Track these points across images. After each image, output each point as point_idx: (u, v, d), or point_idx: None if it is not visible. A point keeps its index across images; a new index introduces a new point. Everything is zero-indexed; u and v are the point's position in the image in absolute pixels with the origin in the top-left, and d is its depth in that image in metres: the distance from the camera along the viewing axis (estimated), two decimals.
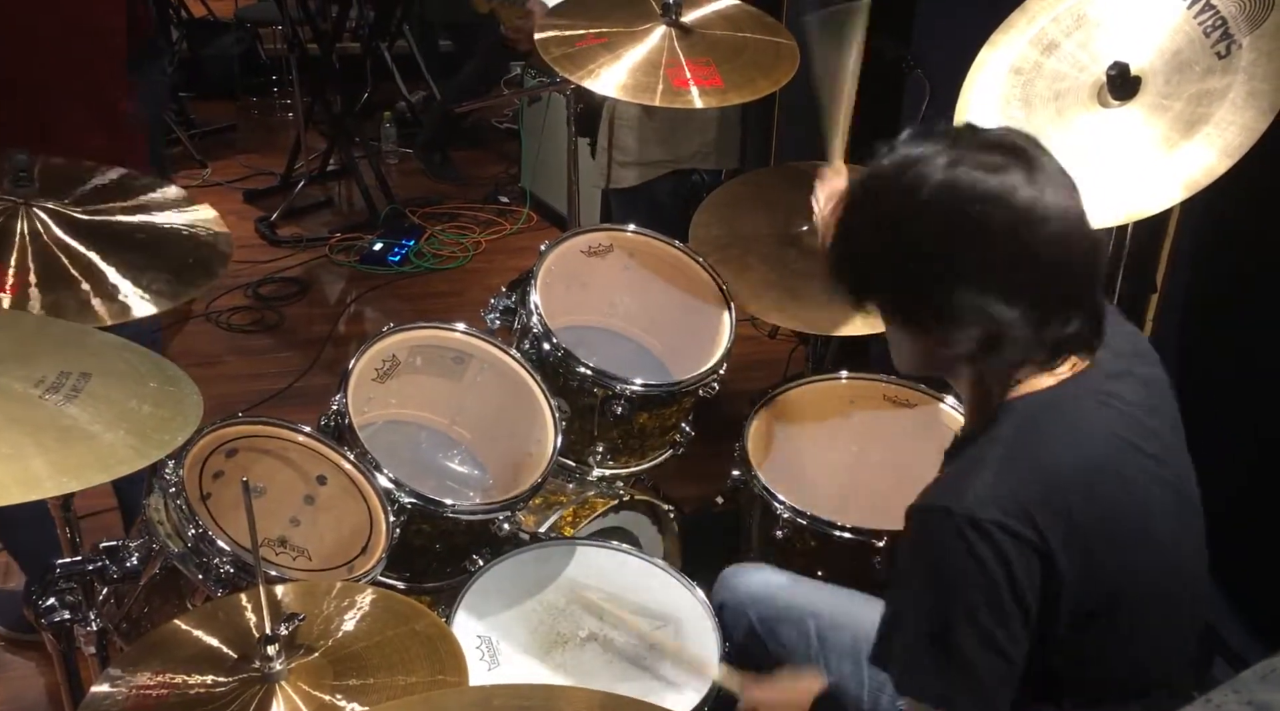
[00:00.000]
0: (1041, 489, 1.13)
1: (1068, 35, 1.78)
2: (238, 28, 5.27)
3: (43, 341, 1.28)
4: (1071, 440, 1.17)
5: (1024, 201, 1.09)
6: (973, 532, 1.10)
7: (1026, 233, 1.10)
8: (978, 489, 1.12)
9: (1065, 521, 1.12)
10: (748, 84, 2.23)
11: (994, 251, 1.11)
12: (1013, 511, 1.10)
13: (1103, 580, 1.15)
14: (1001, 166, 1.10)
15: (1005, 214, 1.09)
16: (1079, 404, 1.19)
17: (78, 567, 1.44)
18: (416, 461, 2.01)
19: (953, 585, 1.12)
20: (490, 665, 1.61)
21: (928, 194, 1.11)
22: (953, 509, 1.11)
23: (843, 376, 2.13)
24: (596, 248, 2.23)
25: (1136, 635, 1.21)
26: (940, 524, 1.12)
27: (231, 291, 3.67)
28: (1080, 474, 1.15)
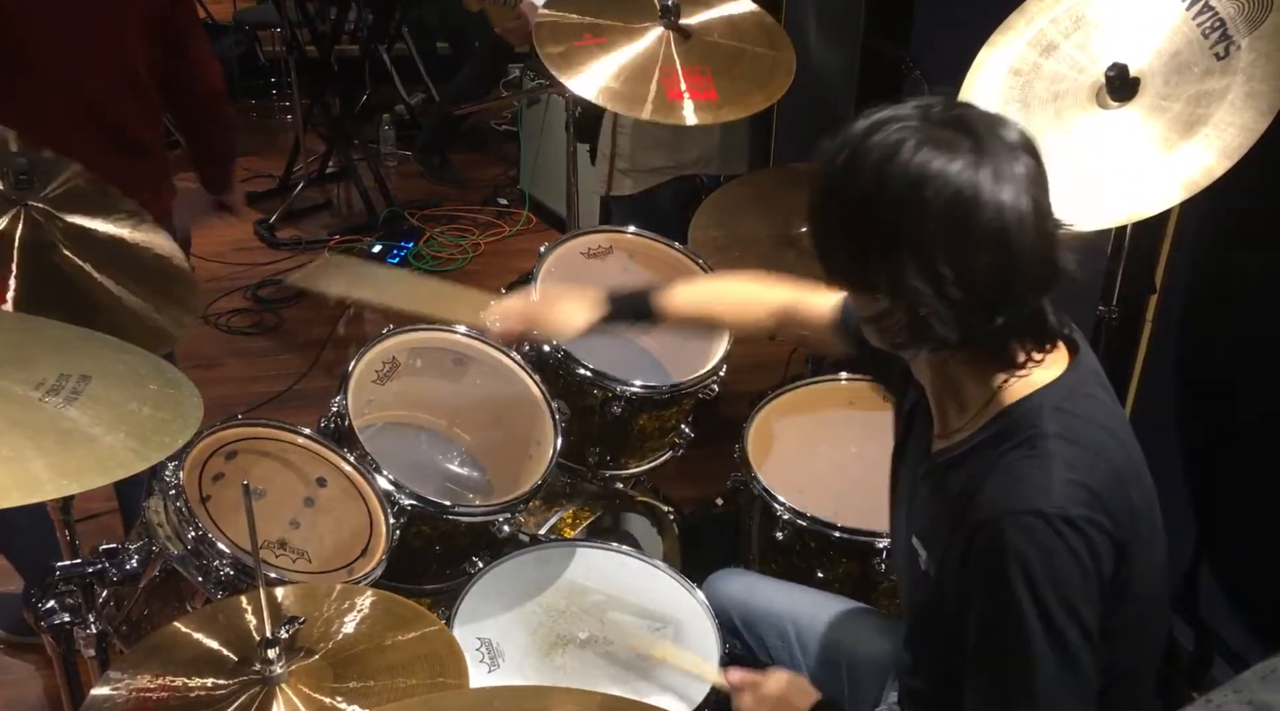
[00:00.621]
0: (1108, 480, 1.13)
1: (1066, 36, 1.78)
2: (236, 30, 5.27)
3: (42, 344, 1.28)
4: (1106, 434, 1.17)
5: (961, 186, 1.06)
6: (1069, 530, 1.08)
7: (959, 217, 1.06)
8: (1058, 485, 1.10)
9: (1129, 508, 1.13)
10: (742, 98, 2.20)
11: (926, 229, 1.07)
12: (1092, 504, 1.10)
13: (1152, 567, 1.17)
14: (949, 143, 1.07)
15: (940, 196, 1.06)
16: (1088, 402, 1.18)
17: (77, 570, 1.44)
18: (416, 463, 2.01)
19: (1060, 590, 1.09)
20: (490, 667, 1.61)
21: (875, 164, 1.08)
22: (1044, 509, 1.09)
23: (842, 377, 2.13)
24: (596, 249, 2.23)
25: (1154, 620, 1.24)
26: (1033, 528, 1.09)
27: (231, 294, 3.68)
28: (1124, 466, 1.16)
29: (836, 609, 1.65)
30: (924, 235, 1.07)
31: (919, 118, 1.09)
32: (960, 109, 1.12)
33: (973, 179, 1.06)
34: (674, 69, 2.19)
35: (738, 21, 2.37)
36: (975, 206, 1.06)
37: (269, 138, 4.95)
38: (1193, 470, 2.11)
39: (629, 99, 2.14)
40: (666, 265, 2.24)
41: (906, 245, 1.08)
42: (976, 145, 1.07)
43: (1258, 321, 2.03)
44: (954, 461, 1.22)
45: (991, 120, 1.11)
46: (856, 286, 1.17)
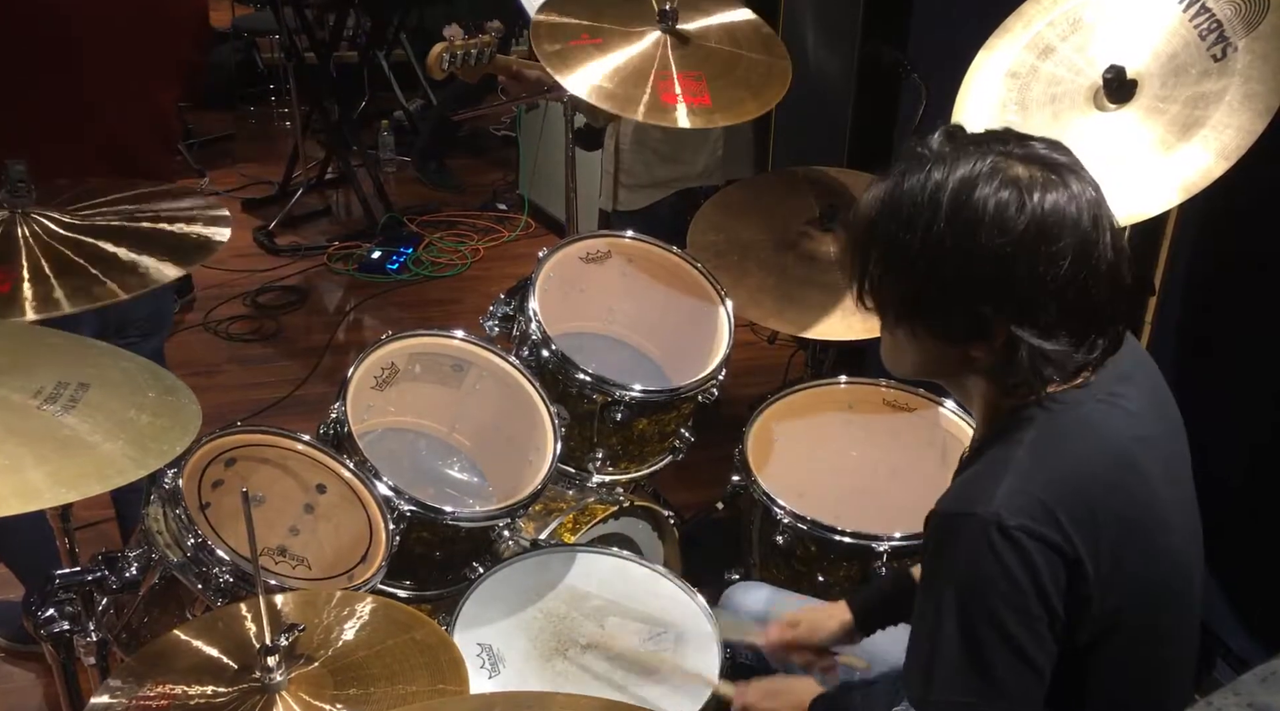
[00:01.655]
0: (1066, 492, 1.11)
1: (1064, 39, 1.78)
2: (235, 37, 5.29)
3: (41, 352, 1.28)
4: (1092, 443, 1.15)
5: (1053, 221, 1.07)
6: (1000, 538, 1.07)
7: (1052, 256, 1.07)
8: (1002, 492, 1.09)
9: (1090, 524, 1.11)
10: (736, 105, 2.19)
11: (1029, 275, 1.08)
12: (1039, 515, 1.08)
13: (1126, 583, 1.14)
14: (1039, 184, 1.08)
15: (1037, 237, 1.07)
16: (1095, 408, 1.17)
17: (77, 578, 1.44)
18: (416, 469, 2.00)
19: (981, 594, 1.09)
20: (491, 673, 1.61)
21: (966, 215, 1.08)
22: (979, 513, 1.09)
23: (842, 381, 2.13)
24: (595, 254, 2.23)
25: (1156, 639, 1.20)
26: (966, 529, 1.09)
27: (230, 300, 3.68)
28: (1102, 477, 1.14)
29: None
30: (1024, 281, 1.08)
31: (983, 156, 1.10)
32: (1017, 143, 1.13)
33: (1063, 216, 1.08)
34: (669, 73, 2.19)
35: (735, 29, 2.37)
36: (1072, 245, 1.08)
37: (268, 144, 4.96)
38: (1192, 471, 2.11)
39: (623, 99, 2.13)
40: (665, 270, 2.24)
41: (1008, 294, 1.10)
42: (1061, 179, 1.10)
43: (1257, 323, 2.03)
44: (966, 462, 1.26)
45: (1058, 149, 1.13)
46: (952, 339, 1.16)
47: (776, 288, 2.25)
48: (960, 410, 2.02)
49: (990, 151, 1.10)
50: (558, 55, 2.19)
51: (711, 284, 2.18)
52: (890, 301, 1.17)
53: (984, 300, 1.10)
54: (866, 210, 1.15)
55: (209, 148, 4.84)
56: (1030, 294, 1.09)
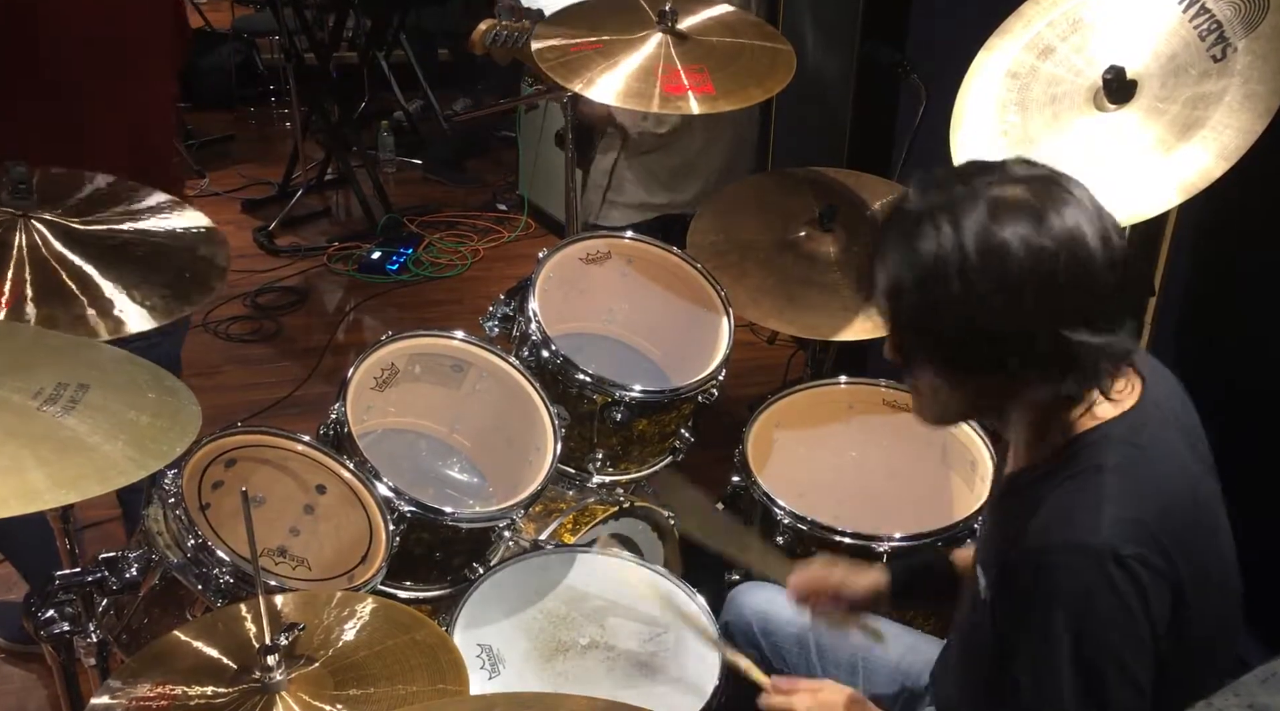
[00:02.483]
0: (1162, 516, 1.09)
1: (1063, 39, 1.78)
2: (235, 38, 5.28)
3: (40, 353, 1.28)
4: (1172, 464, 1.14)
5: (1076, 232, 1.07)
6: (1117, 570, 1.05)
7: (1088, 263, 1.08)
8: (1108, 521, 1.07)
9: (1185, 547, 1.09)
10: (740, 91, 2.22)
11: (1074, 287, 1.08)
12: (1146, 541, 1.06)
13: (1214, 607, 1.14)
14: (1042, 199, 1.08)
15: (1070, 250, 1.07)
16: (1162, 430, 1.16)
17: (76, 579, 1.44)
18: (416, 470, 2.01)
19: (1100, 629, 1.06)
20: (491, 673, 1.61)
21: (994, 256, 1.07)
22: (1091, 545, 1.06)
23: (842, 381, 2.13)
24: (594, 254, 2.23)
25: (1218, 661, 1.19)
26: (1078, 562, 1.06)
27: (230, 301, 3.67)
28: (1187, 497, 1.13)
29: None
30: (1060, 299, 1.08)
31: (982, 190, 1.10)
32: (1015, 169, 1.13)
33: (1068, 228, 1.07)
34: (675, 68, 2.21)
35: (734, 22, 2.38)
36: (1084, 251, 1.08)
37: (268, 145, 4.96)
38: None
39: (635, 96, 2.16)
40: (665, 270, 2.24)
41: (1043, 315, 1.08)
42: (1054, 194, 1.09)
43: (1257, 323, 2.02)
44: (1017, 489, 1.21)
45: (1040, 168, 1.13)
46: (972, 371, 1.15)
47: (776, 288, 2.25)
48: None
49: (978, 187, 1.10)
50: (562, 65, 2.21)
51: (711, 284, 2.19)
52: (934, 359, 1.15)
53: (1030, 326, 1.08)
54: (893, 285, 1.13)
55: (209, 148, 4.83)
56: (1076, 301, 1.08)
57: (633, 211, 3.12)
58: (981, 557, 1.26)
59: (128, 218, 1.68)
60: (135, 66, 2.18)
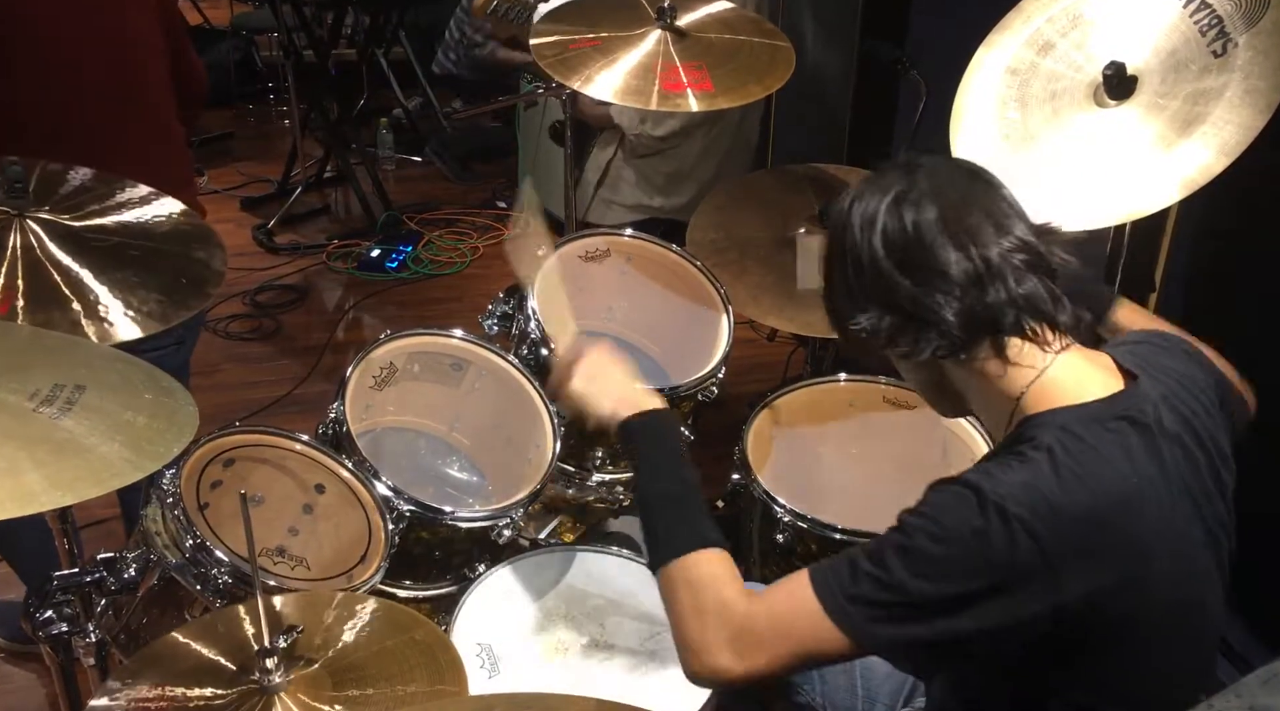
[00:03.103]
0: (1081, 504, 1.09)
1: (1063, 35, 1.77)
2: (233, 36, 5.27)
3: (36, 354, 1.28)
4: (1115, 463, 1.13)
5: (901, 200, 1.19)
6: (996, 516, 1.06)
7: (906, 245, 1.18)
8: (1012, 483, 1.09)
9: (1090, 546, 1.09)
10: (739, 88, 2.21)
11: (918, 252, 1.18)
12: (1042, 515, 1.07)
13: (1123, 606, 1.12)
14: (886, 180, 1.22)
15: (911, 225, 1.18)
16: (1121, 427, 1.15)
17: (75, 579, 1.43)
18: (415, 469, 2.00)
19: (941, 553, 1.08)
20: (491, 672, 1.61)
21: (858, 229, 1.23)
22: (984, 489, 1.08)
23: (841, 378, 2.12)
24: (594, 252, 2.23)
25: (1158, 666, 1.18)
26: (965, 497, 1.09)
27: (229, 299, 3.67)
28: (1118, 500, 1.12)
29: None
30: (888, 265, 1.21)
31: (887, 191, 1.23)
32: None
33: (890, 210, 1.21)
34: (674, 65, 2.20)
35: (733, 19, 2.38)
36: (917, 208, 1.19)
37: (266, 143, 4.95)
38: None
39: (634, 93, 2.16)
40: (664, 268, 2.24)
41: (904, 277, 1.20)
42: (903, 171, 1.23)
43: (1258, 319, 2.02)
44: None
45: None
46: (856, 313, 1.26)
47: (776, 285, 2.25)
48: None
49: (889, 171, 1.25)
50: (560, 62, 2.20)
51: (711, 282, 2.18)
52: (844, 305, 1.29)
53: (893, 279, 1.20)
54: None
55: (208, 146, 4.83)
56: (919, 263, 1.18)
57: (626, 211, 3.12)
58: None
59: (117, 211, 1.67)
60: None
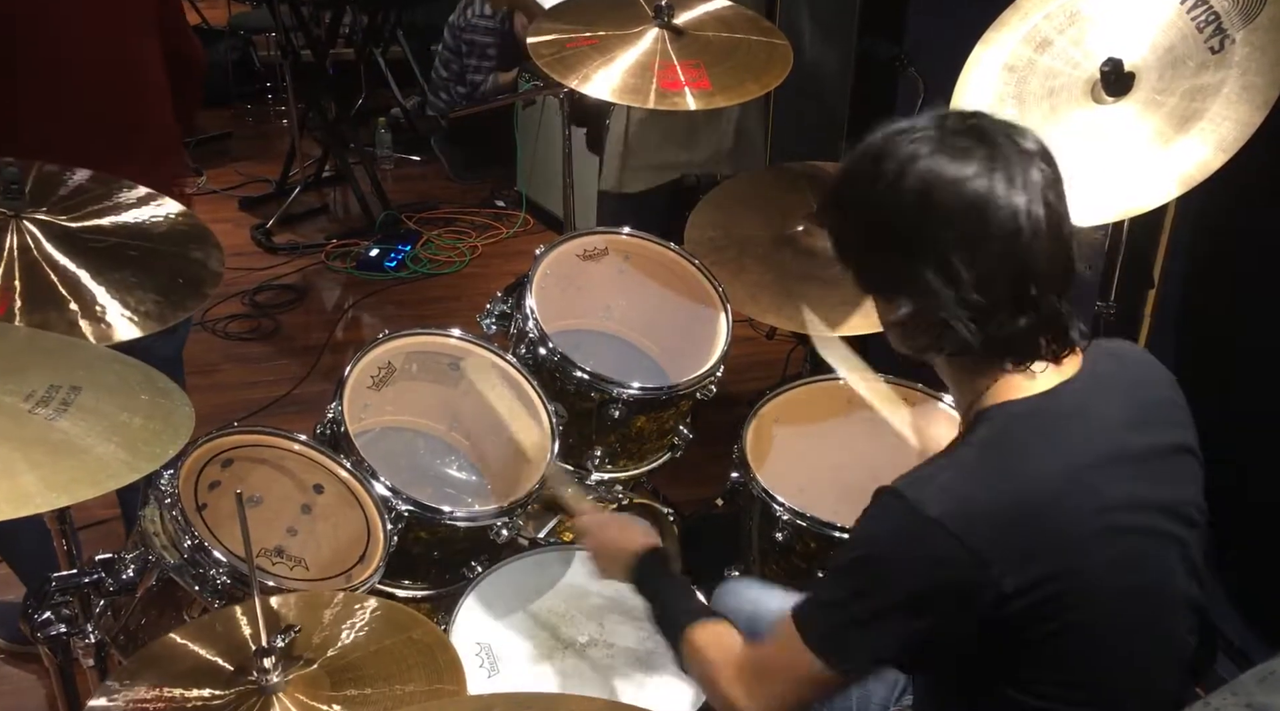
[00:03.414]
0: (998, 501, 1.11)
1: (1061, 32, 1.77)
2: (231, 35, 5.27)
3: (32, 354, 1.28)
4: (1043, 456, 1.14)
5: (976, 191, 1.10)
6: (920, 521, 1.09)
7: (974, 221, 1.10)
8: (935, 485, 1.12)
9: (1022, 535, 1.10)
10: (736, 86, 2.22)
11: (941, 235, 1.12)
12: (961, 514, 1.09)
13: (1068, 597, 1.12)
14: (965, 151, 1.11)
15: (953, 202, 1.10)
16: (1058, 419, 1.16)
17: (73, 581, 1.43)
18: (414, 468, 2.00)
19: (877, 564, 1.14)
20: (490, 672, 1.61)
21: (892, 173, 1.13)
22: (904, 494, 1.12)
23: (841, 376, 2.12)
24: (592, 251, 2.22)
25: (1123, 655, 1.17)
26: (891, 506, 1.13)
27: (228, 299, 3.67)
28: (1046, 492, 1.12)
29: None
30: (939, 241, 1.11)
31: (934, 127, 1.14)
32: (975, 118, 1.16)
33: (987, 184, 1.10)
34: (671, 63, 2.21)
35: (730, 17, 2.38)
36: (988, 211, 1.10)
37: (265, 143, 4.95)
38: None
39: (631, 91, 2.16)
40: (662, 266, 2.24)
41: (923, 251, 1.12)
42: (990, 152, 1.12)
43: (1256, 315, 2.02)
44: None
45: (1007, 128, 1.15)
46: (879, 292, 1.21)
47: (775, 283, 2.24)
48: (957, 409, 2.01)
49: (945, 120, 1.16)
50: (558, 61, 2.20)
51: (709, 280, 2.18)
52: (857, 257, 1.22)
53: (926, 246, 1.12)
54: (842, 170, 1.23)
55: (206, 146, 4.82)
56: (954, 245, 1.11)
57: (651, 173, 3.13)
58: None
59: (115, 212, 1.67)
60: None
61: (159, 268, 1.59)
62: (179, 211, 1.72)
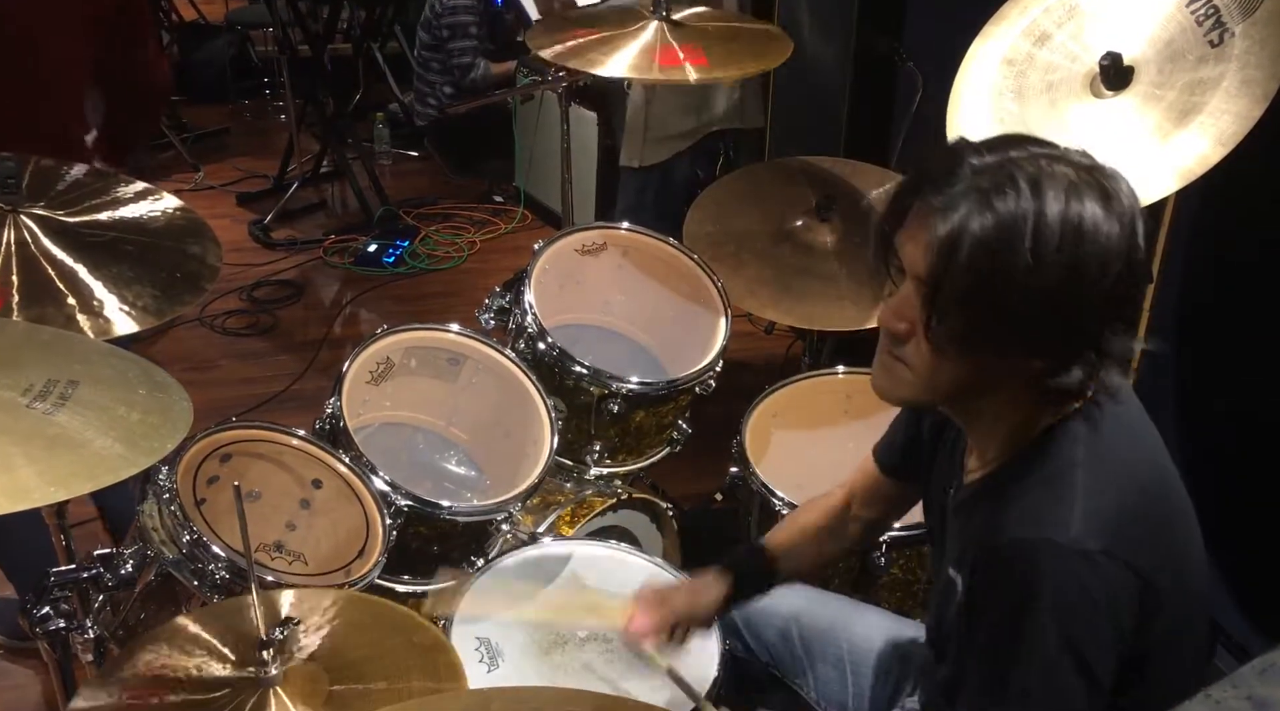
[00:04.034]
0: (1131, 508, 1.09)
1: (1059, 26, 1.77)
2: (229, 31, 5.26)
3: (30, 349, 1.27)
4: (1137, 453, 1.14)
5: (1134, 223, 1.05)
6: (1084, 565, 1.04)
7: (1138, 255, 1.06)
8: (1078, 516, 1.06)
9: (1154, 535, 1.09)
10: (734, 63, 2.23)
11: (1127, 277, 1.05)
12: (1115, 534, 1.06)
13: (1186, 600, 1.13)
14: (1109, 189, 1.05)
15: (1130, 239, 1.04)
16: (1122, 411, 1.15)
17: (72, 576, 1.43)
18: (413, 463, 2.00)
19: (1065, 623, 1.05)
20: (490, 666, 1.61)
21: (1084, 231, 1.02)
22: (1057, 540, 1.05)
23: (839, 371, 2.12)
24: (590, 246, 2.22)
25: (1195, 643, 1.19)
26: (1045, 557, 1.05)
27: (226, 295, 3.67)
28: (1152, 488, 1.13)
29: (839, 608, 1.64)
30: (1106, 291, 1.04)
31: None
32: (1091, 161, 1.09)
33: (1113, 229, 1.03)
34: (670, 46, 2.22)
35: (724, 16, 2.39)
36: (1122, 253, 1.04)
37: (263, 138, 4.94)
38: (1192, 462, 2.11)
39: (634, 68, 2.18)
40: (661, 261, 2.24)
41: (1090, 303, 1.04)
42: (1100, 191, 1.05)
43: (1256, 310, 2.02)
44: (990, 489, 1.18)
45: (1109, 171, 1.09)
46: (1028, 350, 1.09)
47: (774, 278, 2.24)
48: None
49: (1039, 160, 1.05)
50: (560, 55, 2.21)
51: (708, 275, 2.18)
52: (957, 330, 1.07)
53: (1088, 309, 1.04)
54: (953, 240, 1.03)
55: (203, 142, 4.82)
56: (1125, 292, 1.05)
57: (672, 142, 3.17)
58: (955, 558, 1.22)
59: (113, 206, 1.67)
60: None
61: (156, 262, 1.59)
62: (177, 206, 1.72)
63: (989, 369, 1.10)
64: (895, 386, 1.16)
